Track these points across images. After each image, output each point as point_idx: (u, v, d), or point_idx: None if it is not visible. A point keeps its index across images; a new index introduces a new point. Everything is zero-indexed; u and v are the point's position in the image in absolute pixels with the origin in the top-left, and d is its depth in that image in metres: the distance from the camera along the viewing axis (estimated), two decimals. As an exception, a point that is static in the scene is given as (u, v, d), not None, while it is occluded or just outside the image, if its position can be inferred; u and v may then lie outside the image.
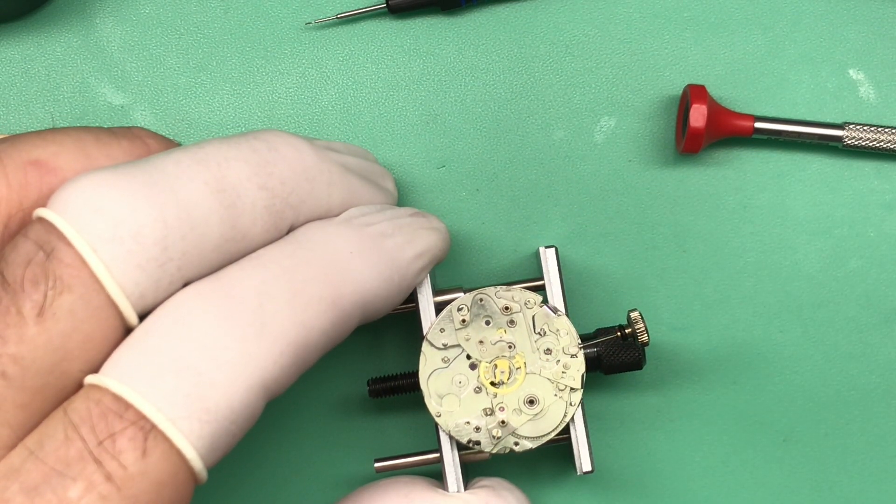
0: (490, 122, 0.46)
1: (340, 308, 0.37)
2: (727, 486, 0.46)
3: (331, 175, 0.38)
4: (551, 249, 0.42)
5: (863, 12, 0.46)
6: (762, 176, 0.46)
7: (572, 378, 0.41)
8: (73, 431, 0.32)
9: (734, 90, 0.46)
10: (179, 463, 0.33)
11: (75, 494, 0.31)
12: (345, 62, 0.46)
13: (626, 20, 0.46)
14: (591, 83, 0.46)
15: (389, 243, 0.39)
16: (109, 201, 0.33)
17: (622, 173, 0.46)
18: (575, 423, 0.42)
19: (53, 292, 0.32)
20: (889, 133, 0.45)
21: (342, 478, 0.46)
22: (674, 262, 0.46)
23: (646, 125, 0.46)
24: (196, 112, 0.46)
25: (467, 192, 0.46)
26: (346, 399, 0.46)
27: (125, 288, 0.33)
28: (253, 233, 0.36)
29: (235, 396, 0.34)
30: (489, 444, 0.41)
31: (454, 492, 0.41)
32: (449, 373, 0.41)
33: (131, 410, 0.32)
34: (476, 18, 0.46)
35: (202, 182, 0.35)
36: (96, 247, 0.33)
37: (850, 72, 0.46)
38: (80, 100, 0.46)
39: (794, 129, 0.45)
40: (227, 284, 0.35)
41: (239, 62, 0.46)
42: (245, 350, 0.34)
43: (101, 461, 0.32)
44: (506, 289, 0.42)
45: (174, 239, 0.34)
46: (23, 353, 0.32)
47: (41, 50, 0.46)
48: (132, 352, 0.33)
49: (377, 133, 0.46)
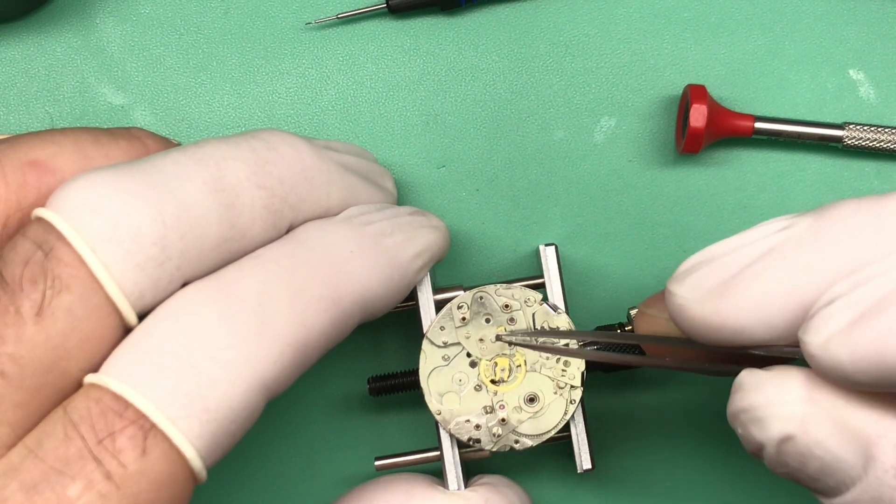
0: (490, 122, 0.46)
1: (340, 307, 0.37)
2: (727, 486, 0.46)
3: (330, 174, 0.38)
4: (551, 247, 0.42)
5: (863, 12, 0.46)
6: (762, 176, 0.46)
7: (572, 376, 0.41)
8: (73, 430, 0.32)
9: (734, 90, 0.46)
10: (179, 462, 0.33)
11: (74, 493, 0.31)
12: (345, 62, 0.46)
13: (626, 20, 0.46)
14: (591, 83, 0.46)
15: (389, 242, 0.39)
16: (108, 201, 0.33)
17: (622, 173, 0.46)
18: (575, 421, 0.42)
19: (52, 292, 0.32)
20: (889, 133, 0.45)
21: (343, 476, 0.46)
22: (674, 262, 0.46)
23: (646, 125, 0.46)
24: (196, 112, 0.46)
25: (467, 192, 0.46)
26: (347, 397, 0.46)
27: (124, 287, 0.33)
28: (252, 232, 0.36)
29: (235, 396, 0.34)
30: (489, 441, 0.41)
31: (454, 489, 0.41)
32: (449, 371, 0.41)
33: (131, 409, 0.32)
34: (476, 18, 0.46)
35: (201, 182, 0.35)
36: (95, 246, 0.33)
37: (850, 72, 0.46)
38: (80, 100, 0.46)
39: (794, 129, 0.45)
40: (228, 284, 0.35)
41: (239, 62, 0.46)
42: (245, 349, 0.34)
43: (101, 460, 0.32)
44: (506, 287, 0.42)
45: (173, 238, 0.34)
46: (21, 353, 0.32)
47: (41, 50, 0.46)
48: (132, 351, 0.33)
49: (377, 133, 0.46)
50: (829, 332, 0.32)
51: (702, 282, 0.35)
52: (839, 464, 0.33)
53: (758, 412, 0.34)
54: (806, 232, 0.34)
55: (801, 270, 0.33)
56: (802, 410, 0.33)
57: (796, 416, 0.33)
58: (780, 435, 0.33)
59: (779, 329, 0.34)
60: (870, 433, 0.32)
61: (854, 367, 0.31)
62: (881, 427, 0.32)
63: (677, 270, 0.36)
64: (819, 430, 0.33)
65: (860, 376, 0.32)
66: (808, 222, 0.34)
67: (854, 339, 0.31)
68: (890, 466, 0.32)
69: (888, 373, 0.31)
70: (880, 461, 0.32)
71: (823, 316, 0.32)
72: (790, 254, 0.33)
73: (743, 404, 0.34)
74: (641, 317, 0.40)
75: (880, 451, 0.32)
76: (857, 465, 0.33)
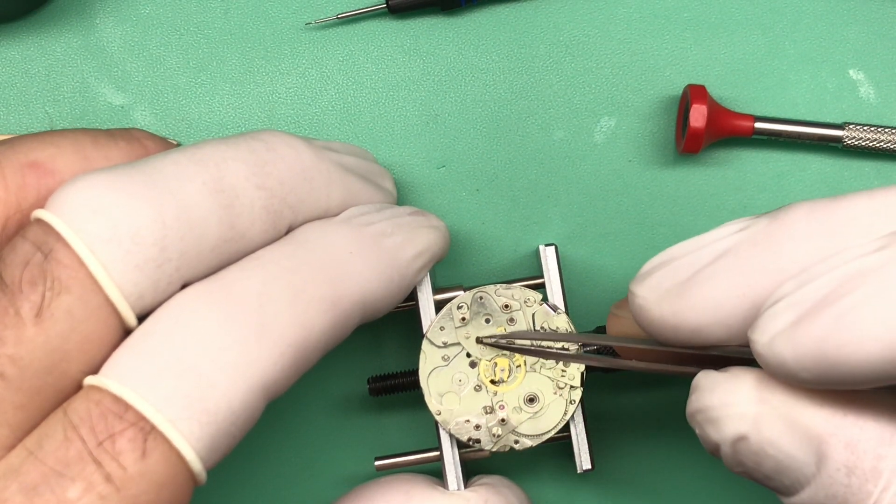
0: (490, 122, 0.46)
1: (341, 308, 0.37)
2: (727, 486, 0.46)
3: (329, 174, 0.38)
4: (551, 247, 0.42)
5: (863, 12, 0.46)
6: (762, 176, 0.46)
7: (572, 376, 0.41)
8: (73, 432, 0.32)
9: (734, 90, 0.46)
10: (179, 464, 0.33)
11: (74, 495, 0.31)
12: (345, 62, 0.46)
13: (626, 20, 0.46)
14: (591, 83, 0.46)
15: (389, 242, 0.39)
16: (107, 202, 0.33)
17: (622, 173, 0.46)
18: (575, 422, 0.42)
19: (51, 293, 0.32)
20: (889, 133, 0.45)
21: (343, 476, 0.46)
22: (674, 261, 0.46)
23: (646, 125, 0.46)
24: (196, 112, 0.46)
25: (467, 192, 0.46)
26: (347, 397, 0.46)
27: (123, 289, 0.33)
28: (251, 233, 0.36)
29: (236, 398, 0.34)
30: (489, 442, 0.41)
31: (454, 490, 0.41)
32: (449, 371, 0.41)
33: (131, 411, 0.32)
34: (476, 18, 0.46)
35: (200, 182, 0.35)
36: (94, 248, 0.33)
37: (850, 72, 0.46)
38: (80, 100, 0.46)
39: (794, 129, 0.45)
40: (227, 285, 0.35)
41: (239, 62, 0.46)
42: (245, 351, 0.34)
43: (101, 462, 0.32)
44: (505, 287, 0.42)
45: (172, 239, 0.34)
46: (21, 354, 0.32)
47: (41, 50, 0.46)
48: (132, 353, 0.33)
49: (377, 133, 0.46)
50: (774, 330, 0.32)
51: (661, 282, 0.35)
52: (792, 462, 0.33)
53: (712, 412, 0.34)
54: (760, 233, 0.34)
55: (754, 271, 0.34)
56: (755, 410, 0.33)
57: (749, 415, 0.33)
58: (734, 435, 0.34)
59: (734, 328, 0.34)
60: (821, 431, 0.32)
61: (797, 365, 0.32)
62: (832, 426, 0.32)
63: (639, 271, 0.36)
64: (771, 430, 0.33)
65: (804, 374, 0.32)
66: (764, 223, 0.34)
67: (796, 338, 0.32)
68: (842, 465, 0.32)
69: (829, 370, 0.31)
70: (832, 459, 0.32)
71: (769, 315, 0.33)
72: (744, 254, 0.34)
73: (699, 405, 0.35)
74: (613, 319, 0.40)
75: (832, 449, 0.32)
76: (810, 464, 0.33)
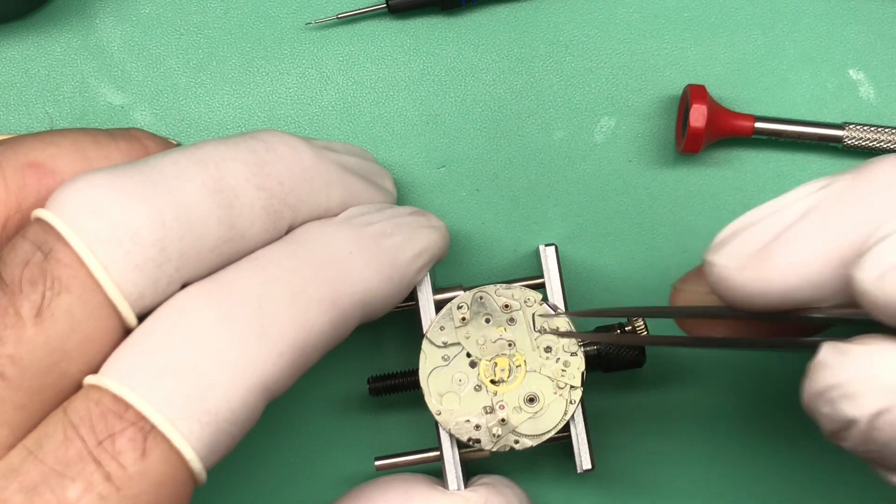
0: (490, 122, 0.46)
1: (340, 308, 0.37)
2: (727, 486, 0.46)
3: (329, 175, 0.38)
4: (551, 247, 0.42)
5: (863, 12, 0.46)
6: (762, 176, 0.46)
7: (572, 376, 0.41)
8: (73, 431, 0.32)
9: (734, 90, 0.46)
10: (179, 464, 0.33)
11: (74, 494, 0.31)
12: (345, 62, 0.46)
13: (626, 20, 0.46)
14: (591, 83, 0.46)
15: (389, 242, 0.39)
16: (107, 202, 0.33)
17: (622, 173, 0.46)
18: (575, 422, 0.42)
19: (51, 293, 0.32)
20: (889, 133, 0.45)
21: (342, 476, 0.46)
22: (674, 262, 0.46)
23: (646, 125, 0.46)
24: (196, 112, 0.46)
25: (467, 192, 0.46)
26: (347, 397, 0.46)
27: (123, 289, 0.33)
28: (251, 233, 0.36)
29: (235, 398, 0.34)
30: (489, 442, 0.41)
31: (454, 490, 0.41)
32: (449, 371, 0.41)
33: (131, 411, 0.32)
34: (476, 18, 0.46)
35: (200, 183, 0.35)
36: (94, 247, 0.33)
37: (850, 72, 0.46)
38: (80, 100, 0.46)
39: (794, 129, 0.45)
40: (227, 285, 0.35)
41: (239, 62, 0.46)
42: (245, 351, 0.34)
43: (101, 461, 0.32)
44: (506, 287, 0.42)
45: (172, 239, 0.34)
46: (21, 354, 0.32)
47: (41, 50, 0.46)
48: (132, 352, 0.33)
49: (377, 133, 0.46)
50: (884, 265, 0.31)
51: (742, 248, 0.34)
52: None
53: (850, 387, 0.32)
54: (845, 189, 0.33)
55: (845, 225, 0.32)
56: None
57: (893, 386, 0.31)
58: (876, 409, 0.32)
59: (825, 287, 0.33)
60: None
61: None
62: None
63: (713, 241, 0.35)
64: None
65: None
66: (847, 179, 0.33)
67: None
68: None
69: None
70: None
71: (877, 251, 0.31)
72: (831, 211, 0.33)
73: (833, 380, 0.32)
74: (677, 293, 0.39)
75: None
76: None
